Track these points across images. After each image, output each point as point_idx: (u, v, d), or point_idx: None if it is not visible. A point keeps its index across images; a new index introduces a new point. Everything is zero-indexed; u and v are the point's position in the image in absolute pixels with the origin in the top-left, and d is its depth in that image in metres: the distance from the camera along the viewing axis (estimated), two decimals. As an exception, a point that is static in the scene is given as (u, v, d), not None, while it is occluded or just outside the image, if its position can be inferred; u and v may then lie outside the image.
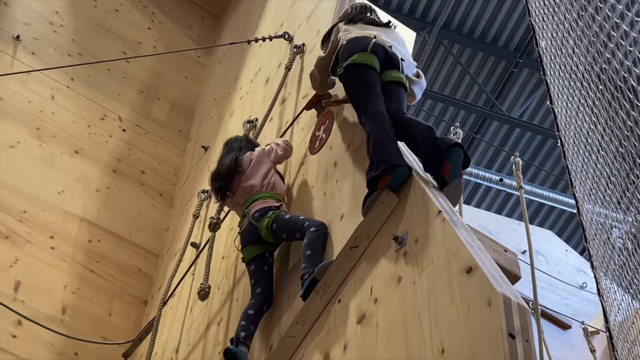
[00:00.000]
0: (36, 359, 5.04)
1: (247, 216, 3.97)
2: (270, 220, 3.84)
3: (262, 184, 4.07)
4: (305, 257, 3.47)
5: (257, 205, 3.97)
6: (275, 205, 3.97)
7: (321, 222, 3.64)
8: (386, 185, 3.07)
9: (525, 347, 2.08)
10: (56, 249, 5.64)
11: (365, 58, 3.65)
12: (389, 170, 3.09)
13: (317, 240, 3.53)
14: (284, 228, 3.80)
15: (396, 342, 2.58)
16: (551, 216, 11.34)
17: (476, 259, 2.37)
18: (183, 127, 7.21)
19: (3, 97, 6.16)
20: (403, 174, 3.06)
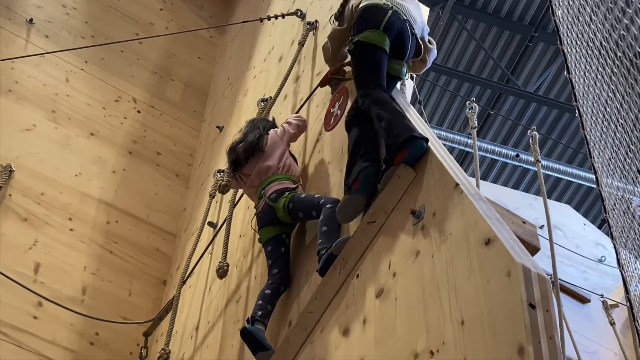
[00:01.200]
0: (57, 340, 5.09)
1: (264, 197, 3.97)
2: (287, 200, 3.84)
3: (278, 166, 4.07)
4: (321, 233, 3.47)
5: (273, 187, 3.97)
6: (292, 187, 3.97)
7: (336, 198, 3.63)
8: (403, 160, 3.05)
9: (545, 317, 2.07)
10: (75, 230, 5.69)
11: (376, 37, 3.54)
12: (405, 143, 3.06)
13: (332, 217, 3.52)
14: (300, 207, 3.80)
15: (415, 316, 2.58)
16: (568, 191, 11.28)
17: (495, 230, 2.35)
18: (197, 107, 7.22)
19: (18, 80, 6.18)
20: (420, 146, 3.03)
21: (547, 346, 1.99)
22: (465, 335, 2.25)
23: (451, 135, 9.81)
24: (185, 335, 4.89)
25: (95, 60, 6.72)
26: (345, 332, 2.98)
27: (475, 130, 4.70)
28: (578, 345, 4.45)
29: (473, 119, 4.70)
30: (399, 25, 3.64)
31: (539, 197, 6.59)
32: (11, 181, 5.60)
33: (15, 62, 6.16)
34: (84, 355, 5.13)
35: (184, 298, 5.10)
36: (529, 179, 11.31)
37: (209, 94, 7.37)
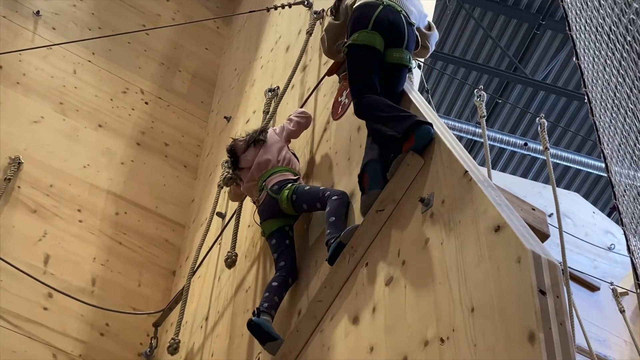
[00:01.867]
0: (68, 331, 5.12)
1: (265, 189, 3.96)
2: (290, 191, 3.83)
3: (277, 159, 4.07)
4: (329, 224, 3.47)
5: (275, 178, 3.97)
6: (293, 178, 3.97)
7: (342, 191, 3.63)
8: (412, 146, 3.03)
9: (556, 304, 2.06)
10: (84, 222, 5.70)
11: (366, 37, 3.53)
12: (412, 130, 3.05)
13: (339, 208, 3.53)
14: (304, 199, 3.79)
15: (425, 303, 2.58)
16: (577, 179, 11.24)
17: (504, 217, 2.35)
18: (204, 98, 7.23)
19: (26, 72, 6.19)
20: (427, 131, 3.02)
21: (557, 332, 1.99)
22: (475, 322, 2.25)
23: (459, 125, 9.78)
24: (195, 325, 4.90)
25: (102, 51, 6.73)
26: (355, 321, 2.99)
27: (484, 118, 4.68)
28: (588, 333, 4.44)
29: (482, 108, 4.68)
30: (391, 18, 3.60)
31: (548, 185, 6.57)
32: (20, 173, 5.62)
33: (22, 55, 6.17)
34: (94, 346, 5.16)
35: (194, 288, 5.11)
36: (537, 168, 11.28)
37: (216, 84, 7.37)
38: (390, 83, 3.53)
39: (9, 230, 5.33)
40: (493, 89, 10.49)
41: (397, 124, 3.15)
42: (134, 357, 5.26)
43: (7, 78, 6.07)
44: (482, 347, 2.16)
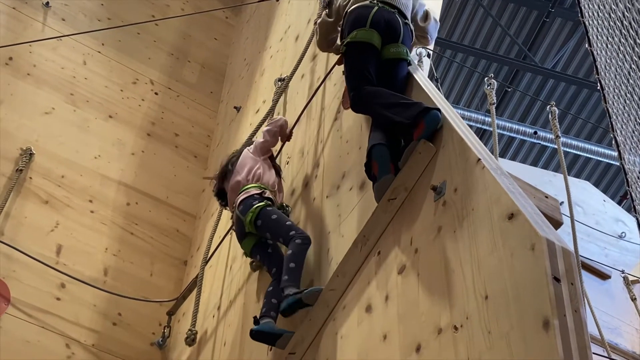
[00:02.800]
0: (81, 320, 5.15)
1: (235, 209, 4.00)
2: (254, 215, 3.85)
3: (247, 178, 4.10)
4: (288, 269, 3.52)
5: (240, 197, 4.00)
6: (257, 193, 3.97)
7: (307, 235, 3.70)
8: (422, 132, 3.03)
9: (570, 290, 2.06)
10: (95, 212, 5.73)
11: (364, 35, 3.58)
12: (421, 116, 3.06)
13: (301, 254, 3.60)
14: (268, 228, 3.82)
15: (438, 291, 2.58)
16: (587, 168, 11.21)
17: (518, 204, 2.34)
18: (214, 88, 7.23)
19: (36, 64, 6.21)
20: (436, 116, 3.03)
21: (572, 319, 1.99)
22: (489, 310, 2.25)
23: (468, 113, 9.76)
24: (207, 314, 4.92)
25: (112, 42, 6.74)
26: (368, 309, 2.99)
27: (494, 106, 4.67)
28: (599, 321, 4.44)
29: (492, 95, 4.67)
30: (387, 17, 3.65)
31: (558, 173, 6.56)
32: (31, 164, 5.64)
33: (33, 46, 6.19)
34: (107, 336, 5.19)
35: (205, 277, 5.13)
36: (547, 156, 11.25)
37: (226, 74, 7.37)
38: (388, 77, 3.56)
39: (21, 221, 5.36)
40: (502, 77, 10.46)
41: (404, 111, 3.17)
42: (146, 347, 5.29)
43: (18, 70, 6.09)
44: (497, 334, 2.17)
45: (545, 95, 10.58)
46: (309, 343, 3.33)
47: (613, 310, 5.50)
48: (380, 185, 3.19)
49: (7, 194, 5.34)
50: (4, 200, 5.30)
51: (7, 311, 4.92)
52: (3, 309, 4.92)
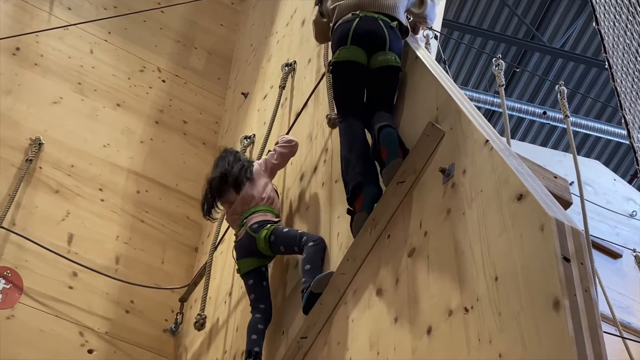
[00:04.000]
0: (94, 309, 5.18)
1: (245, 226, 3.97)
2: (269, 232, 3.85)
3: (262, 196, 4.07)
4: (304, 272, 3.53)
5: (255, 217, 3.97)
6: (274, 220, 3.98)
7: (319, 236, 3.70)
8: (361, 207, 3.24)
9: (580, 270, 2.06)
10: (106, 201, 5.75)
11: (346, 54, 3.59)
12: (357, 190, 3.26)
13: (315, 255, 3.59)
14: (282, 241, 3.82)
15: (448, 273, 2.59)
16: (597, 147, 11.16)
17: (527, 185, 2.34)
18: (221, 75, 7.22)
19: (43, 54, 6.22)
20: (372, 192, 3.23)
21: (582, 299, 1.99)
22: (499, 291, 2.25)
23: (477, 95, 9.73)
24: (219, 300, 4.95)
25: (118, 30, 6.73)
26: (379, 292, 3.00)
27: (503, 87, 4.65)
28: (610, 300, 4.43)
29: (500, 76, 4.65)
30: (369, 27, 3.63)
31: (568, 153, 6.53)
32: (41, 154, 5.67)
33: (39, 36, 6.20)
34: (120, 323, 5.22)
35: (216, 264, 5.15)
36: (556, 136, 11.21)
37: (233, 60, 7.36)
38: (378, 87, 3.56)
39: (32, 210, 5.39)
40: (510, 57, 10.40)
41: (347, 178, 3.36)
42: (159, 333, 5.33)
43: (25, 60, 6.10)
44: (507, 315, 2.17)
45: (553, 75, 10.52)
46: (320, 327, 3.35)
47: (624, 289, 5.49)
48: (389, 169, 3.19)
49: (17, 184, 5.37)
50: (14, 190, 5.32)
51: (20, 300, 4.96)
52: (16, 298, 4.96)
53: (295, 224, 4.21)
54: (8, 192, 5.33)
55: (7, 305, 4.90)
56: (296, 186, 4.41)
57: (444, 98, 3.11)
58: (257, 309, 3.85)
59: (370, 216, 3.23)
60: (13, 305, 4.92)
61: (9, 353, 4.71)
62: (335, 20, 3.82)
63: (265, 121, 5.33)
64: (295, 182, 4.46)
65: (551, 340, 1.96)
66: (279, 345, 3.76)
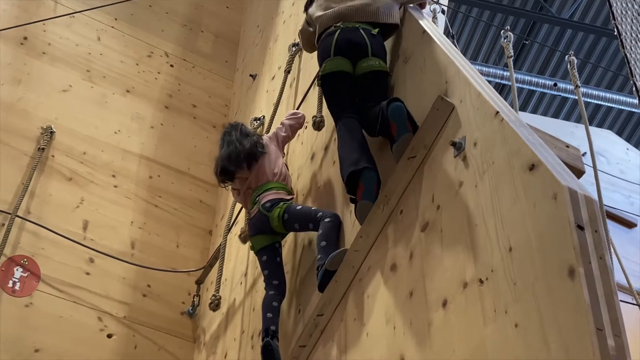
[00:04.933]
0: (111, 294, 5.23)
1: (258, 204, 3.96)
2: (282, 210, 3.84)
3: (273, 172, 4.05)
4: (320, 248, 3.52)
5: (268, 196, 3.95)
6: (287, 198, 3.97)
7: (335, 213, 3.70)
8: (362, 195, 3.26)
9: (594, 238, 2.05)
10: (119, 187, 5.78)
11: (331, 65, 3.65)
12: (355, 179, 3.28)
13: (331, 231, 3.58)
14: (296, 219, 3.81)
15: (462, 246, 2.59)
16: (609, 117, 11.10)
17: (538, 155, 2.33)
18: (229, 57, 7.22)
19: (51, 42, 6.23)
20: (370, 177, 3.26)
21: (597, 266, 1.99)
22: (513, 261, 2.25)
23: (486, 69, 9.67)
24: (234, 282, 4.98)
25: (124, 16, 6.73)
26: (393, 268, 3.01)
27: (512, 59, 4.62)
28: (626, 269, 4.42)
29: (509, 48, 4.62)
30: (350, 37, 3.66)
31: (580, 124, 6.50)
32: (53, 142, 5.69)
33: (46, 24, 6.21)
34: (137, 307, 5.27)
35: (231, 246, 5.18)
36: (568, 108, 11.14)
37: (240, 43, 7.35)
38: (367, 91, 3.57)
39: (47, 199, 5.42)
40: (519, 30, 10.32)
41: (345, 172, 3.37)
42: (177, 316, 5.37)
43: (33, 49, 6.12)
44: (522, 285, 2.17)
45: (563, 46, 10.45)
46: (336, 304, 3.36)
47: (640, 259, 5.48)
48: (400, 144, 3.18)
49: (30, 173, 5.40)
50: (28, 179, 5.36)
51: (38, 288, 5.00)
52: (34, 286, 5.00)
53: (308, 203, 4.22)
54: (22, 181, 5.36)
55: (25, 293, 4.95)
56: (307, 165, 4.42)
57: (453, 71, 3.10)
58: (270, 285, 3.86)
59: (382, 192, 3.23)
60: (31, 293, 4.96)
61: (29, 340, 4.77)
62: (319, 33, 3.87)
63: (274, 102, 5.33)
64: (306, 162, 4.47)
65: (567, 308, 1.96)
66: (296, 324, 3.78)
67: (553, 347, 1.95)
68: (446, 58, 3.21)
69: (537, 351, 2.00)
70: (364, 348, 3.02)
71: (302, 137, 4.70)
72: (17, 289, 4.93)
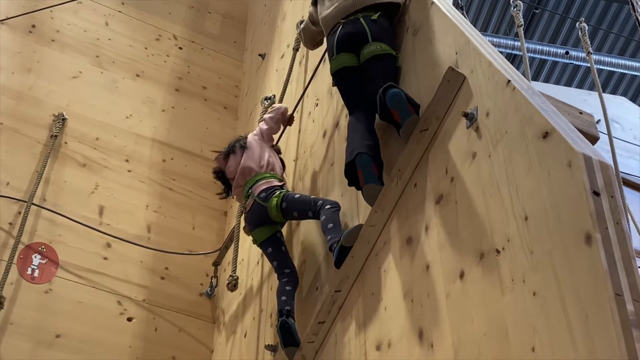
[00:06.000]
0: (130, 277, 5.26)
1: (252, 196, 4.00)
2: (279, 199, 3.87)
3: (260, 164, 4.11)
4: (328, 230, 3.54)
5: (261, 186, 4.00)
6: (279, 184, 4.01)
7: (336, 201, 3.72)
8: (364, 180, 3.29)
9: (611, 204, 2.04)
10: (133, 171, 5.79)
11: (336, 63, 3.69)
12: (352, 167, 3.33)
13: (335, 215, 3.61)
14: (295, 207, 3.84)
15: (477, 217, 2.58)
16: (622, 84, 10.99)
17: (552, 122, 2.31)
18: (237, 38, 7.19)
19: (59, 29, 6.23)
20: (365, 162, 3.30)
21: (614, 231, 1.97)
22: (529, 230, 2.24)
23: (497, 40, 9.59)
24: (251, 262, 4.99)
25: (131, 1, 6.72)
26: (409, 241, 3.01)
27: (522, 28, 4.57)
28: (644, 235, 4.40)
29: (519, 17, 4.57)
30: (350, 30, 3.68)
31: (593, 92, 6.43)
32: (65, 129, 5.71)
33: (54, 12, 6.21)
34: (156, 290, 5.29)
35: (246, 226, 5.18)
36: (580, 76, 11.04)
37: (247, 22, 7.32)
38: (371, 78, 3.56)
39: (61, 185, 5.45)
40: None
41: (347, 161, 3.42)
42: (195, 297, 5.40)
43: (42, 36, 6.12)
44: (539, 253, 2.16)
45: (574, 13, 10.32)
46: (353, 280, 3.37)
47: (657, 224, 5.43)
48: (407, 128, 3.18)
49: (44, 160, 5.42)
50: (42, 167, 5.38)
51: (57, 274, 5.04)
52: (53, 272, 5.04)
53: (321, 179, 4.21)
54: (36, 169, 5.38)
55: (44, 280, 4.99)
56: (319, 142, 4.41)
57: (463, 42, 3.07)
58: (282, 274, 3.91)
59: (396, 166, 3.22)
60: (50, 279, 5.00)
61: (50, 326, 4.81)
62: (326, 34, 3.90)
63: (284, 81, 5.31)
64: (318, 139, 4.46)
65: (585, 274, 1.95)
66: (315, 302, 3.79)
67: (572, 314, 1.95)
68: (455, 29, 3.18)
69: (556, 319, 2.00)
70: (383, 322, 3.03)
71: (313, 115, 4.69)
72: (36, 276, 4.97)
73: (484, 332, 2.34)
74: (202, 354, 5.17)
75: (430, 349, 2.62)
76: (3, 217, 5.11)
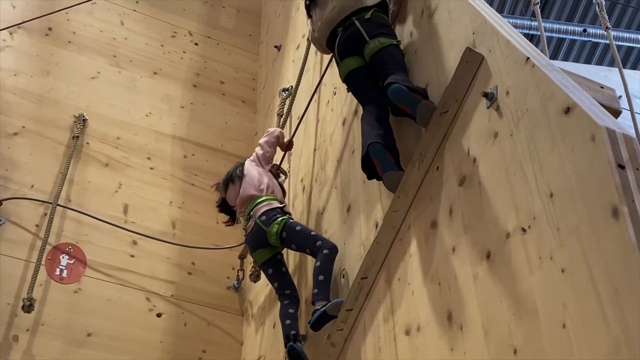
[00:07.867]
0: (157, 274, 5.29)
1: (253, 217, 4.05)
2: (280, 227, 3.92)
3: (259, 189, 4.16)
4: (318, 282, 3.60)
5: (261, 208, 4.06)
6: (279, 207, 4.04)
7: (333, 244, 3.76)
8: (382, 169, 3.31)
9: (636, 176, 2.02)
10: (155, 168, 5.82)
11: (343, 69, 3.75)
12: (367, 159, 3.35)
13: (329, 265, 3.67)
14: (294, 240, 3.90)
15: (501, 197, 2.57)
16: (642, 59, 10.85)
17: (573, 97, 2.29)
18: (252, 31, 7.20)
19: (76, 31, 6.27)
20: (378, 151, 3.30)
21: (641, 204, 1.95)
22: (555, 207, 2.23)
23: (514, 20, 9.50)
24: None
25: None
26: (433, 225, 3.00)
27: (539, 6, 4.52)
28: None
29: (535, -5, 4.52)
30: (347, 36, 3.73)
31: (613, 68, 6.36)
32: (86, 130, 5.75)
33: (69, 13, 6.24)
34: (184, 285, 5.33)
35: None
36: (599, 53, 10.91)
37: (262, 15, 7.31)
38: (380, 68, 3.57)
39: (85, 186, 5.49)
40: (544, -23, 10.11)
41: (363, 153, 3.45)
42: (223, 291, 5.43)
43: (59, 38, 6.16)
44: (566, 229, 2.15)
45: (590, -9, 10.21)
46: (379, 266, 3.37)
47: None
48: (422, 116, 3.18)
49: (67, 161, 5.47)
50: (65, 168, 5.42)
51: (85, 274, 5.09)
52: (81, 272, 5.09)
53: (344, 168, 4.21)
54: (60, 171, 5.43)
55: (73, 280, 5.03)
56: (339, 131, 4.40)
57: (479, 21, 3.05)
58: (283, 296, 3.96)
59: (417, 150, 3.21)
60: (79, 279, 5.05)
61: (80, 325, 4.86)
62: (324, 42, 3.94)
63: (301, 71, 5.31)
64: (337, 127, 4.45)
65: (613, 248, 1.93)
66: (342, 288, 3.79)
67: (601, 288, 1.94)
68: (471, 9, 3.16)
69: (586, 294, 1.99)
70: (411, 307, 3.03)
71: (331, 104, 4.68)
72: (64, 276, 5.02)
73: (513, 312, 2.33)
74: (232, 346, 5.20)
75: (460, 331, 2.61)
76: (29, 219, 5.16)
